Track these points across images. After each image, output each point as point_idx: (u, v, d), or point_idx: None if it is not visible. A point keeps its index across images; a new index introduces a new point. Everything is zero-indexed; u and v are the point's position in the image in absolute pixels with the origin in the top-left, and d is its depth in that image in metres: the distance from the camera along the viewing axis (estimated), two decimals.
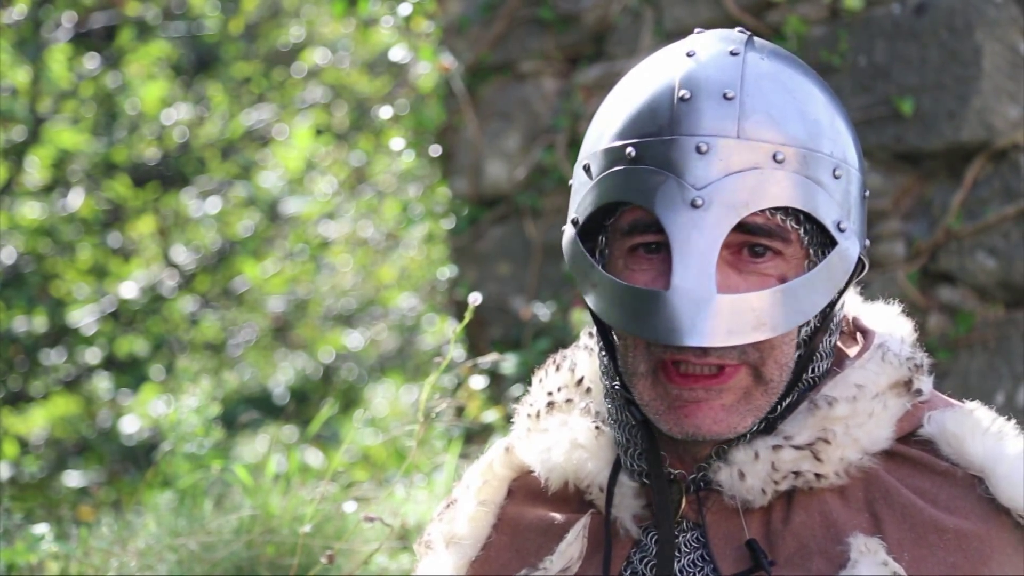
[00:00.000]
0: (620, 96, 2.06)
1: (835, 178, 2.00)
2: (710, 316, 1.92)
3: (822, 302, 1.99)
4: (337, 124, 9.31)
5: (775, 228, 1.97)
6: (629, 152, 1.98)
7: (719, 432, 1.99)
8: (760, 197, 1.95)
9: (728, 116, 1.96)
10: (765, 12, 5.15)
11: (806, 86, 2.04)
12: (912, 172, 4.92)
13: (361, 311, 9.71)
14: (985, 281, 4.78)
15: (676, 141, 1.96)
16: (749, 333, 1.93)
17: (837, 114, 2.05)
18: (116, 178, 9.65)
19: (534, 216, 5.70)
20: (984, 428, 2.03)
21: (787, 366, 2.01)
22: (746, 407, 1.99)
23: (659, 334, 1.94)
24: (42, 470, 9.04)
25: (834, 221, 1.99)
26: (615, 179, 2.00)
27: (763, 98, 1.98)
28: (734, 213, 1.94)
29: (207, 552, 3.85)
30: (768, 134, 1.96)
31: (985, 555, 1.96)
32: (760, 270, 1.98)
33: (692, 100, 1.97)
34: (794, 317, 1.97)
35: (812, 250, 2.01)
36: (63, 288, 9.51)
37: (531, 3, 5.68)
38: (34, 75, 9.03)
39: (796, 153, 1.97)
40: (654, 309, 1.94)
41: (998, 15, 4.75)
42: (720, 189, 1.94)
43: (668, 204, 1.94)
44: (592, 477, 2.11)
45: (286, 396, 9.44)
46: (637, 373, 2.01)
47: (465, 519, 2.19)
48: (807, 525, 2.00)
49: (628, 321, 1.97)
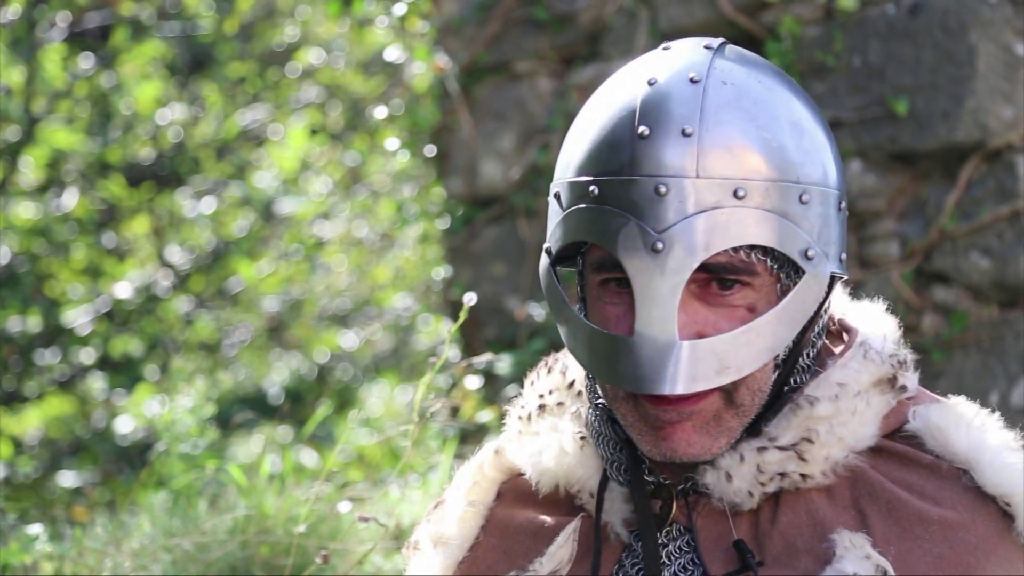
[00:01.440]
0: (585, 122, 2.05)
1: (802, 204, 1.98)
2: (672, 363, 1.94)
3: (789, 335, 2.00)
4: (332, 124, 9.30)
5: (740, 265, 1.97)
6: (592, 190, 1.99)
7: (694, 454, 2.00)
8: (720, 238, 1.94)
9: (687, 154, 1.94)
10: (759, 12, 5.15)
11: (772, 107, 2.00)
12: (906, 172, 4.92)
13: (356, 311, 9.70)
14: (979, 281, 4.78)
15: (636, 183, 1.95)
16: (713, 379, 1.95)
17: (807, 130, 2.01)
18: (111, 178, 9.64)
19: (529, 216, 5.70)
20: (968, 421, 2.04)
21: (760, 391, 2.02)
22: (717, 429, 2.01)
23: (625, 382, 1.97)
24: (36, 470, 9.03)
25: (800, 251, 1.98)
26: (580, 217, 2.00)
27: (722, 131, 1.96)
28: (694, 257, 1.94)
29: (202, 552, 3.85)
30: (728, 169, 1.95)
31: (971, 544, 1.97)
32: (729, 302, 1.98)
33: (651, 138, 1.96)
34: (760, 356, 1.98)
35: (783, 274, 2.01)
36: (57, 288, 9.50)
37: (526, 3, 5.68)
38: (28, 75, 9.02)
39: (758, 187, 1.96)
40: (620, 355, 1.96)
41: (992, 15, 4.75)
42: (680, 232, 1.94)
43: (630, 248, 1.95)
44: (583, 482, 2.12)
45: (281, 396, 9.43)
46: (617, 398, 2.04)
47: (453, 520, 2.20)
48: (794, 524, 2.01)
49: (597, 366, 2.01)
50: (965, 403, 2.08)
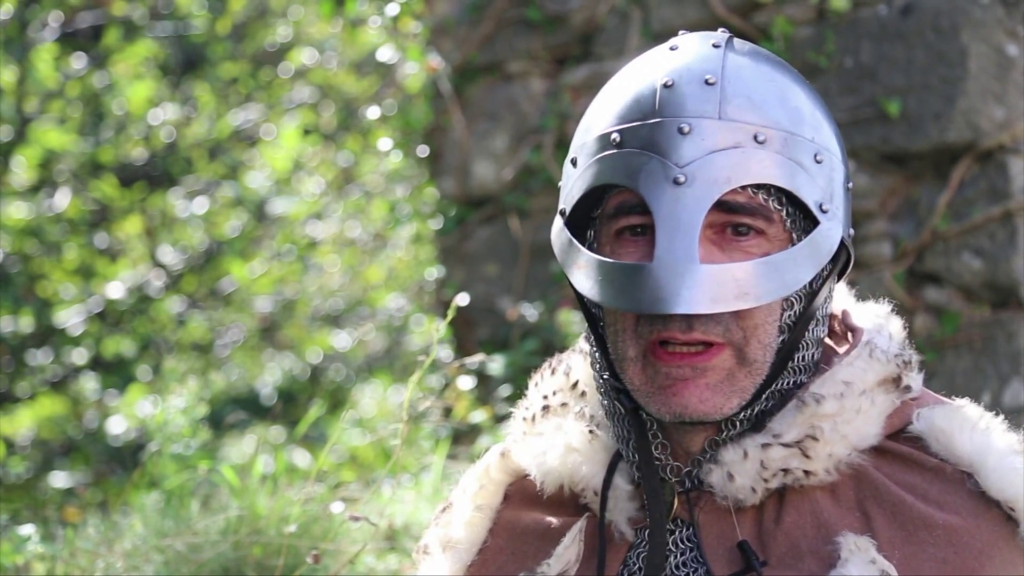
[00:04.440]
0: (607, 92, 2.10)
1: (817, 163, 2.03)
2: (693, 285, 1.94)
3: (805, 277, 2.01)
4: (324, 124, 9.30)
5: (757, 207, 2.00)
6: (614, 138, 2.02)
7: (705, 412, 2.00)
8: (742, 174, 1.98)
9: (710, 99, 2.00)
10: (752, 13, 5.16)
11: (787, 79, 2.09)
12: (898, 173, 4.93)
13: (349, 311, 9.70)
14: (971, 282, 4.79)
15: (659, 124, 2.00)
16: (732, 301, 1.96)
17: (818, 109, 2.08)
18: (103, 178, 9.64)
19: (521, 217, 5.70)
20: (972, 423, 2.04)
21: (770, 347, 2.02)
22: (730, 388, 2.00)
23: (643, 305, 1.96)
24: (28, 471, 9.02)
25: (816, 202, 2.02)
26: (601, 164, 2.03)
27: (744, 83, 2.03)
28: (716, 188, 1.97)
29: (194, 553, 3.85)
30: (749, 116, 2.01)
31: (976, 549, 1.97)
32: (743, 248, 2.00)
33: (675, 87, 2.01)
34: (777, 289, 1.99)
35: (795, 233, 2.03)
36: (49, 288, 9.49)
37: (519, 4, 5.69)
38: (20, 75, 9.02)
39: (777, 135, 2.01)
40: (638, 282, 1.97)
41: (984, 16, 4.76)
42: (702, 166, 1.97)
43: (652, 183, 1.98)
44: (587, 481, 2.12)
45: (273, 397, 9.43)
46: (627, 358, 2.03)
47: (461, 523, 2.20)
48: (798, 525, 2.01)
49: (613, 296, 2.00)
50: (970, 405, 2.08)
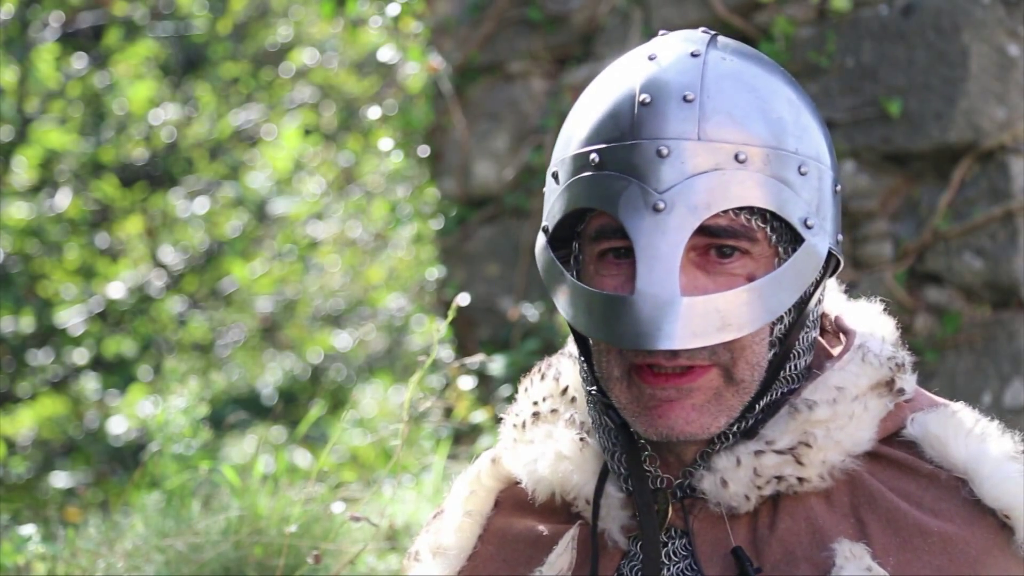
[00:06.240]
0: (585, 103, 2.07)
1: (801, 175, 1.99)
2: (675, 319, 1.92)
3: (789, 300, 1.98)
4: (325, 124, 9.30)
5: (740, 229, 1.97)
6: (593, 158, 1.99)
7: (692, 432, 1.98)
8: (722, 198, 1.95)
9: (688, 118, 1.96)
10: (753, 13, 5.16)
11: (770, 83, 2.02)
12: (899, 173, 4.93)
13: (349, 312, 9.70)
14: (972, 282, 4.79)
15: (638, 146, 1.96)
16: (714, 335, 1.93)
17: (804, 110, 2.03)
18: (104, 178, 9.64)
19: (522, 217, 5.70)
20: (967, 430, 2.02)
21: (759, 366, 2.00)
22: (717, 407, 1.99)
23: (625, 340, 1.94)
24: (29, 471, 9.02)
25: (800, 218, 1.99)
26: (580, 185, 2.00)
27: (723, 98, 1.98)
28: (696, 215, 1.94)
29: (194, 553, 3.85)
30: (729, 134, 1.96)
31: (971, 558, 1.96)
32: (728, 270, 1.97)
33: (652, 104, 1.97)
34: (760, 317, 1.96)
35: (781, 248, 2.00)
36: (50, 288, 9.49)
37: (519, 4, 5.69)
38: (21, 75, 9.02)
39: (759, 152, 1.97)
40: (620, 314, 1.94)
41: (985, 16, 4.76)
42: (682, 192, 1.94)
43: (631, 209, 1.94)
44: (578, 489, 2.10)
45: (274, 397, 9.42)
46: (612, 377, 2.02)
47: (451, 529, 2.19)
48: (793, 531, 2.00)
49: (596, 327, 1.98)
50: (964, 410, 2.06)
